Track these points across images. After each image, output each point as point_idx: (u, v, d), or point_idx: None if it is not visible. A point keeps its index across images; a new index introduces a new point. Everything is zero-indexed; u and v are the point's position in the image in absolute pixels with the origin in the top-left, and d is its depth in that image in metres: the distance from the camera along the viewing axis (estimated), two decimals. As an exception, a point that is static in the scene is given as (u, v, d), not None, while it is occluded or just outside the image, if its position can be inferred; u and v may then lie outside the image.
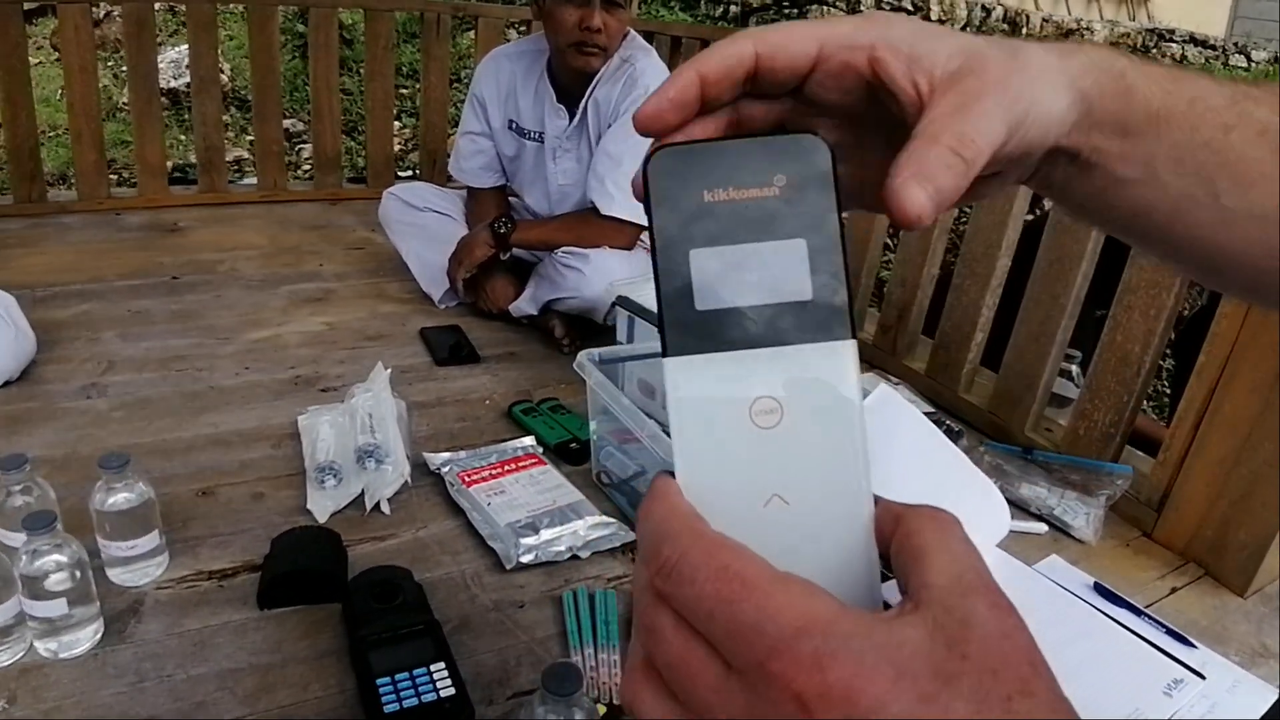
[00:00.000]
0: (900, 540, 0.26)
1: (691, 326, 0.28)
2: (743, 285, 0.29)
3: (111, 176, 2.78)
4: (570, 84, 1.90)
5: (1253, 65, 7.24)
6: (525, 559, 1.14)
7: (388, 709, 0.84)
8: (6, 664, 0.93)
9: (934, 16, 5.87)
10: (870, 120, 0.33)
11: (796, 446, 0.28)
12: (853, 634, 0.23)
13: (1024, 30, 6.63)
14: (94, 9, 2.46)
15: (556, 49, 1.85)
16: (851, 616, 0.23)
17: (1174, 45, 7.06)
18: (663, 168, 0.29)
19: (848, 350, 0.29)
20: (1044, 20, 6.93)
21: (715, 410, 0.28)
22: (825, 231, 0.29)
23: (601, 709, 0.89)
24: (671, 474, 0.29)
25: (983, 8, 6.56)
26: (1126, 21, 7.72)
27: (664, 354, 0.29)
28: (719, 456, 0.28)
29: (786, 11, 5.71)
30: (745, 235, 0.29)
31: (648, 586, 0.26)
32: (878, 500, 0.28)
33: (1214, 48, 7.22)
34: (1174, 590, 1.26)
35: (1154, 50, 6.78)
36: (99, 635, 0.98)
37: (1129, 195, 0.36)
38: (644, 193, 0.29)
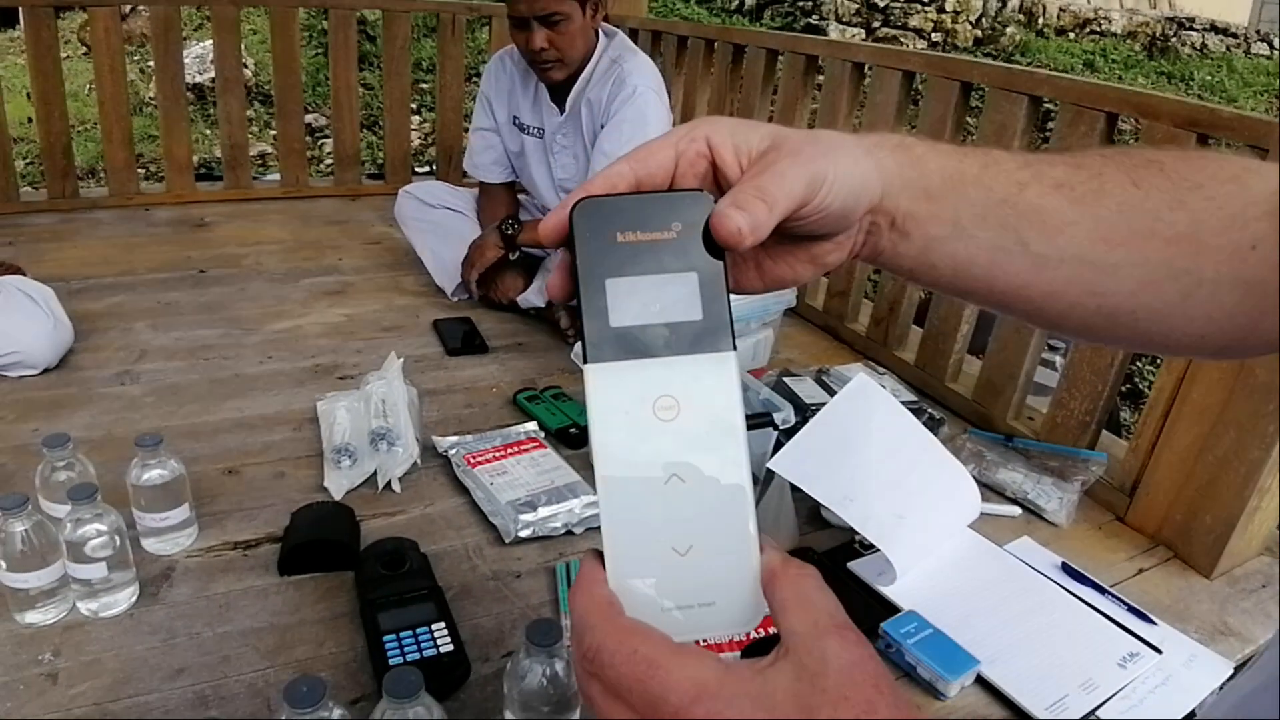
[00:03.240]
0: (770, 593, 0.34)
1: (607, 339, 0.35)
2: (647, 307, 0.36)
3: (139, 170, 2.87)
4: (556, 84, 1.99)
5: (1275, 53, 7.13)
6: (523, 534, 1.23)
7: (392, 662, 0.93)
8: (52, 621, 1.03)
9: (949, 8, 5.89)
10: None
11: (691, 434, 0.35)
12: (736, 693, 0.29)
13: (1040, 20, 6.57)
14: (121, 6, 2.55)
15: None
16: (733, 675, 0.30)
17: (1194, 34, 6.95)
18: (584, 214, 0.37)
19: (730, 360, 0.36)
20: (1061, 10, 6.86)
21: (626, 406, 0.35)
22: (712, 266, 0.36)
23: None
24: (598, 557, 0.35)
25: (999, -2, 6.51)
26: (1146, 10, 7.62)
27: (585, 361, 0.35)
28: (629, 443, 0.35)
29: (800, 4, 5.72)
30: (649, 268, 0.36)
31: (580, 661, 0.32)
32: (763, 549, 0.35)
33: (1235, 36, 7.11)
34: (1141, 571, 1.32)
35: (1174, 39, 6.70)
36: (135, 597, 1.07)
37: (947, 252, 0.41)
38: (569, 233, 0.37)
